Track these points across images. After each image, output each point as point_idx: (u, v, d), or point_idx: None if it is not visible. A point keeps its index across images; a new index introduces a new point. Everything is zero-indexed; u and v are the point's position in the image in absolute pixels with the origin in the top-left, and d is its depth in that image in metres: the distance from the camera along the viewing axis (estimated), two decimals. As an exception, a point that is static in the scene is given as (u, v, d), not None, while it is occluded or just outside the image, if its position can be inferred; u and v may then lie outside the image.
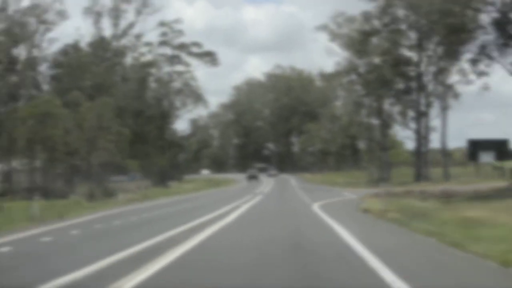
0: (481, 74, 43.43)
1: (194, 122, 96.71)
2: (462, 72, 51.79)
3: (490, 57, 39.61)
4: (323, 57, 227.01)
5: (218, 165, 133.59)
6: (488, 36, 38.16)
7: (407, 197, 34.86)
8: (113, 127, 53.92)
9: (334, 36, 67.20)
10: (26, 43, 63.20)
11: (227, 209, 28.20)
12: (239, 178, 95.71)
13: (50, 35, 66.90)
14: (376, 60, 59.63)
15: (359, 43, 59.98)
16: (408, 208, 25.02)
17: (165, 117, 71.20)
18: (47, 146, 49.01)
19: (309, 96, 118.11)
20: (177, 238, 14.94)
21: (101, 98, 56.32)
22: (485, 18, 37.29)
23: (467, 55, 43.38)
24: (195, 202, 39.55)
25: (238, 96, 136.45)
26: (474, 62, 40.42)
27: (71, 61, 66.92)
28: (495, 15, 36.60)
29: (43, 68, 67.63)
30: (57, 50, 68.00)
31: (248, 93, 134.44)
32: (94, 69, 66.39)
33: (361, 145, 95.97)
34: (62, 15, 64.14)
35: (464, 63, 47.27)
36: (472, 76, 46.41)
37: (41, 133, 48.75)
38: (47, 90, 62.00)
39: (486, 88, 48.92)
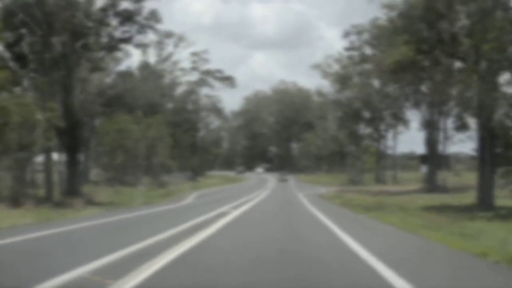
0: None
1: (216, 131, 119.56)
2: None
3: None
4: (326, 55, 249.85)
5: (228, 165, 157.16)
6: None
7: (356, 193, 58.20)
8: (165, 137, 77.33)
9: (325, 74, 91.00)
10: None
11: (254, 195, 51.62)
12: (248, 176, 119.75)
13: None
14: (353, 94, 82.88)
15: (340, 81, 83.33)
16: (348, 198, 48.48)
17: (195, 128, 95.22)
18: (123, 151, 72.15)
19: (307, 109, 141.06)
20: (238, 206, 38.26)
21: (156, 115, 79.55)
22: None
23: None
24: (230, 191, 63.04)
25: (247, 105, 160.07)
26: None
27: (128, 84, 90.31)
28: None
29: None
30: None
31: (256, 103, 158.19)
32: (146, 91, 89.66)
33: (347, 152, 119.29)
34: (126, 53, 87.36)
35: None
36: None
37: (120, 142, 71.74)
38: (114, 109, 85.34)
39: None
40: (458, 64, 33.56)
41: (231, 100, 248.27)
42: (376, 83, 75.26)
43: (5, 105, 28.68)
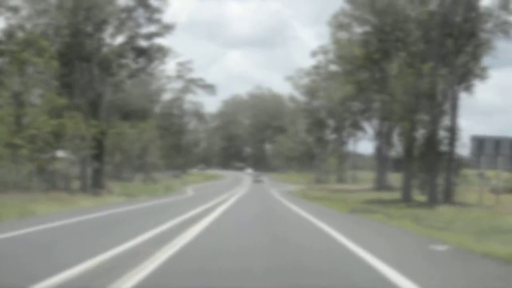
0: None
1: (195, 133, 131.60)
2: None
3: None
4: (302, 55, 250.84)
5: (205, 163, 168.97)
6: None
7: (318, 190, 70.62)
8: (156, 140, 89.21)
9: (296, 86, 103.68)
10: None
11: (239, 188, 63.89)
12: (226, 174, 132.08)
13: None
14: (320, 105, 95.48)
15: (309, 93, 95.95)
16: (309, 193, 61.11)
17: (181, 131, 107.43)
18: (121, 151, 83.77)
19: (280, 114, 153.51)
20: (234, 193, 50.52)
21: (148, 119, 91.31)
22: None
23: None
24: (218, 186, 75.23)
25: (225, 108, 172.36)
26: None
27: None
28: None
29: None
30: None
31: (233, 107, 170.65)
32: (137, 97, 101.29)
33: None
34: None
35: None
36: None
37: (118, 143, 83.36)
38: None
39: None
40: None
41: (205, 99, 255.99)
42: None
43: (63, 122, 40.60)
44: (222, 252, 11.99)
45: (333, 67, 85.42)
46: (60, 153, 43.53)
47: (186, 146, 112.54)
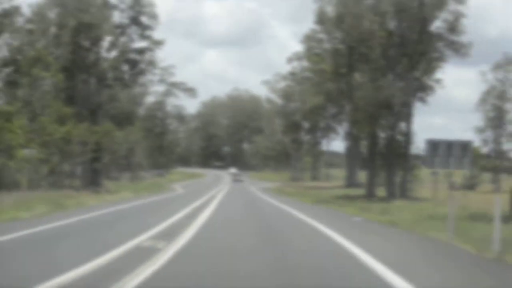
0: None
1: (175, 133, 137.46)
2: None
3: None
4: (279, 54, 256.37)
5: (184, 162, 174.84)
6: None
7: (292, 187, 77.07)
8: (141, 141, 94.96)
9: (273, 90, 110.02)
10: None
11: (223, 184, 70.10)
12: (205, 172, 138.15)
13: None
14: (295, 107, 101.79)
15: (285, 97, 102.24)
16: (284, 190, 67.49)
17: (164, 133, 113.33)
18: (109, 152, 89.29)
19: (258, 115, 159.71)
20: (222, 188, 56.79)
21: (133, 122, 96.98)
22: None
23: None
24: (204, 183, 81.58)
25: (204, 109, 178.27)
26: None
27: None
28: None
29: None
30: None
31: (212, 108, 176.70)
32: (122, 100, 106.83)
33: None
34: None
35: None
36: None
37: (105, 144, 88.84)
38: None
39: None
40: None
41: (186, 101, 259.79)
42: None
43: (69, 130, 46.44)
44: (230, 219, 23.03)
45: (307, 73, 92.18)
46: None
47: (169, 146, 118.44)
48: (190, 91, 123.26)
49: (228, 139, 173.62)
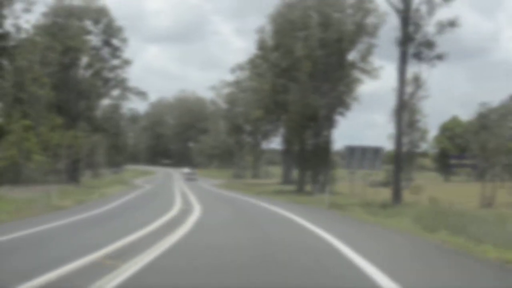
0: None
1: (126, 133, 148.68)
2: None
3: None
4: (221, 50, 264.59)
5: (133, 160, 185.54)
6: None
7: (237, 183, 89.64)
8: (101, 142, 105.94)
9: (217, 95, 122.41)
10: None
11: (177, 182, 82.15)
12: (155, 169, 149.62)
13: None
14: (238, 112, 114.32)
15: (229, 102, 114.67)
16: (230, 185, 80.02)
17: (119, 133, 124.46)
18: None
19: (203, 116, 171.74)
20: (182, 183, 68.96)
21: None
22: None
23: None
24: (161, 178, 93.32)
25: (152, 110, 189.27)
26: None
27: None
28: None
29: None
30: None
31: (160, 109, 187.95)
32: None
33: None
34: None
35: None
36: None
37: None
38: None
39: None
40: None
41: (135, 103, 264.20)
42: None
43: (61, 136, 58.02)
44: (199, 199, 31.27)
45: (250, 82, 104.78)
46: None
47: (123, 146, 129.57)
48: (142, 94, 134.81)
49: (175, 138, 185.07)
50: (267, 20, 63.90)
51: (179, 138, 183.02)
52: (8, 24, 52.25)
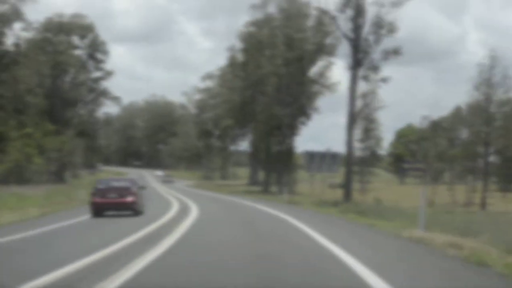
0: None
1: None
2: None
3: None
4: (188, 50, 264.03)
5: (105, 161, 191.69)
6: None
7: (207, 183, 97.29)
8: (80, 145, 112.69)
9: (189, 100, 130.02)
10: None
11: (155, 183, 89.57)
12: (128, 171, 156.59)
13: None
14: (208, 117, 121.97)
15: (199, 108, 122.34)
16: (202, 186, 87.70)
17: (95, 136, 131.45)
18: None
19: (173, 120, 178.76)
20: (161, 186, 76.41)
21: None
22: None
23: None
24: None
25: (123, 113, 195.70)
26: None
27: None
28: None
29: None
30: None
31: (131, 112, 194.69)
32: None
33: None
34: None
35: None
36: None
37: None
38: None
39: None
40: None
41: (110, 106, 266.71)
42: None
43: (53, 141, 65.21)
44: (188, 197, 39.09)
45: (219, 89, 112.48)
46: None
47: (98, 147, 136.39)
48: (115, 99, 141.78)
49: (145, 140, 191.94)
50: (237, 39, 71.91)
51: (150, 140, 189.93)
52: (8, 40, 59.64)
